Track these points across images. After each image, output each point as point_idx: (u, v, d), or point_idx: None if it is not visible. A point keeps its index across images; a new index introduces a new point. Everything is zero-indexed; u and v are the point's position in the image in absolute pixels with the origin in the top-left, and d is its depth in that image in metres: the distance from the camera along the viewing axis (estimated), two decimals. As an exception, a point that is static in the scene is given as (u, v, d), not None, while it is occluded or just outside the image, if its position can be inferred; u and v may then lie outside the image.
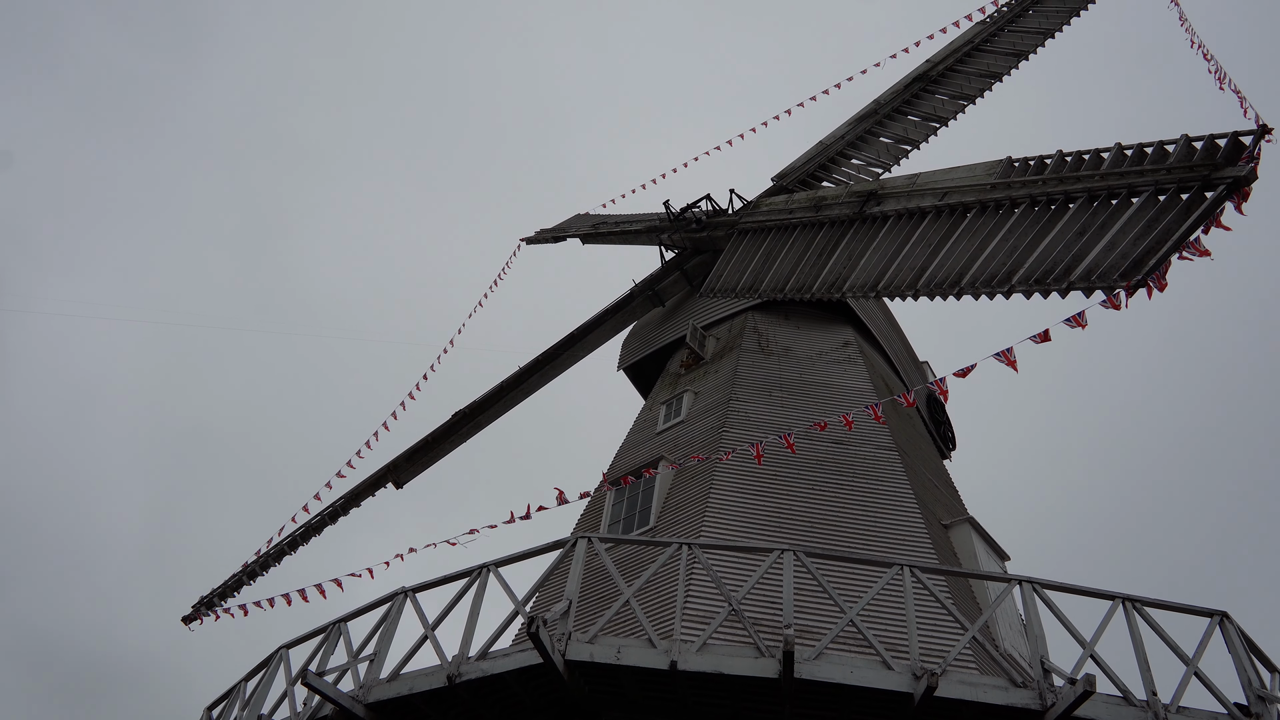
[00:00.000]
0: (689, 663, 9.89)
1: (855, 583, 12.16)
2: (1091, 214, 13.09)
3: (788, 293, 17.88)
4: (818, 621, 11.48)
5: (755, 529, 13.98)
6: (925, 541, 13.87)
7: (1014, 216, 14.19)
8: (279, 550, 22.28)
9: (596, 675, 10.22)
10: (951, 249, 14.82)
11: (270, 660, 12.46)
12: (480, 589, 11.15)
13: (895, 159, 22.66)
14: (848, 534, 13.98)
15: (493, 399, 23.56)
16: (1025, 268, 13.40)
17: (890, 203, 16.62)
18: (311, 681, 10.71)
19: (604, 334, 23.94)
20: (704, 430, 17.06)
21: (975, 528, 15.20)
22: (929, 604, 11.49)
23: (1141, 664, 10.26)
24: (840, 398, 17.34)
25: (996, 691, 9.78)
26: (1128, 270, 12.01)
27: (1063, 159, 14.10)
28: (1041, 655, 10.18)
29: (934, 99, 23.05)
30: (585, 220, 28.55)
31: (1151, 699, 9.91)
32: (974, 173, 15.57)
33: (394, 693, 10.59)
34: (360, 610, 12.35)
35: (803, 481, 15.02)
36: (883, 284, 15.71)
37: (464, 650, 10.49)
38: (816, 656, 9.93)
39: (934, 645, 11.29)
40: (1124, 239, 12.34)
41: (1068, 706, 9.42)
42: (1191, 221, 11.81)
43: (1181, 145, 12.47)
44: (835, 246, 17.25)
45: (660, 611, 11.97)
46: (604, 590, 12.88)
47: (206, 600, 21.80)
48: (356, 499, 23.01)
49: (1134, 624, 10.64)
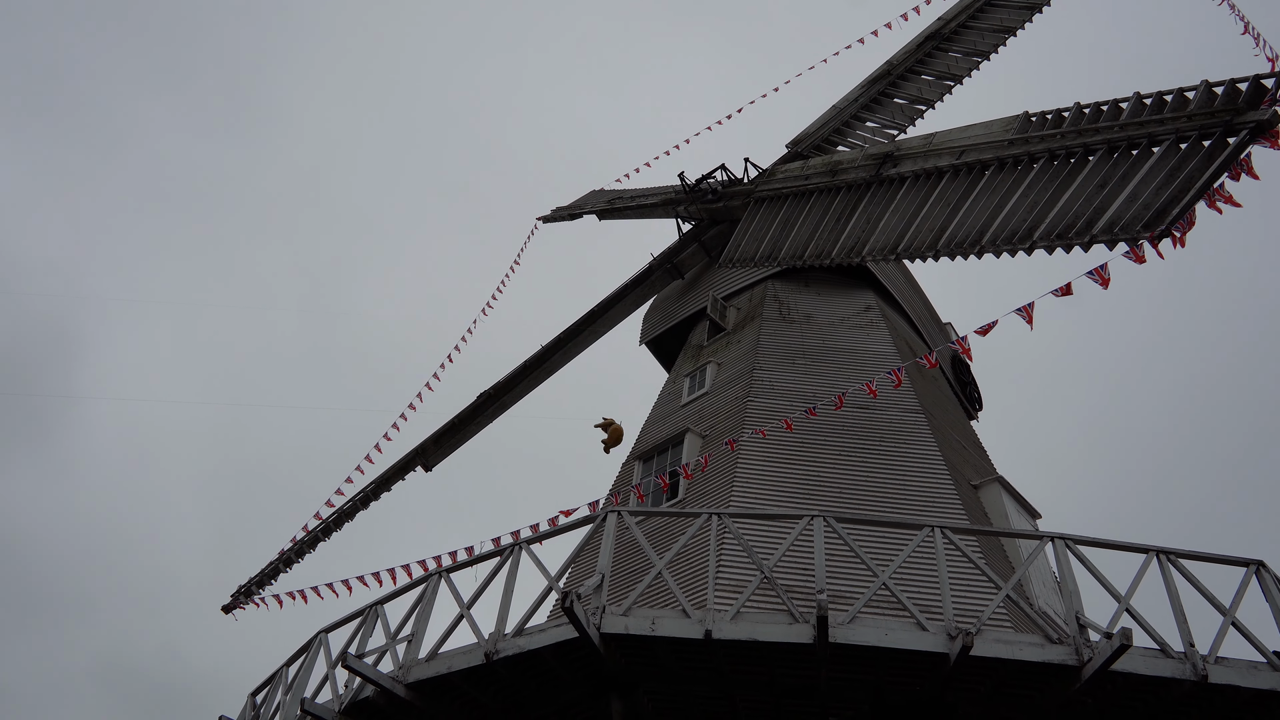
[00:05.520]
0: (723, 631, 9.94)
1: (886, 546, 12.15)
2: (1112, 166, 12.93)
3: (807, 259, 17.79)
4: (850, 586, 11.50)
5: (784, 497, 14.00)
6: (955, 502, 13.85)
7: (1033, 172, 14.04)
8: (313, 537, 22.55)
9: (632, 647, 10.29)
10: (971, 208, 14.69)
11: (310, 645, 12.63)
12: (513, 567, 11.24)
13: (910, 120, 22.40)
14: (877, 498, 13.98)
15: (516, 378, 23.65)
16: (1046, 223, 13.26)
17: (907, 164, 16.48)
18: (352, 664, 10.85)
19: (624, 309, 23.93)
20: (729, 401, 17.06)
21: (1005, 487, 15.16)
22: (961, 564, 11.49)
23: (1178, 616, 10.21)
24: (864, 362, 17.28)
25: (1033, 648, 9.79)
26: (1151, 221, 11.87)
27: (1080, 111, 13.92)
28: (1076, 611, 10.16)
29: (947, 57, 22.75)
30: (601, 196, 28.46)
31: (1189, 650, 9.88)
32: (991, 130, 15.40)
33: (433, 672, 10.71)
34: (396, 592, 12.51)
35: (830, 448, 15.01)
36: (902, 246, 15.61)
37: (500, 628, 10.58)
38: (851, 620, 9.95)
39: (968, 605, 11.28)
40: (1146, 190, 12.19)
41: (1105, 660, 9.40)
42: (1215, 169, 11.66)
43: (1202, 91, 12.28)
44: (853, 210, 17.14)
45: (693, 582, 12.03)
46: (636, 563, 12.96)
47: (245, 589, 22.12)
48: (387, 483, 23.23)
49: (1169, 576, 10.59)
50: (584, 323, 23.70)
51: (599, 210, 27.73)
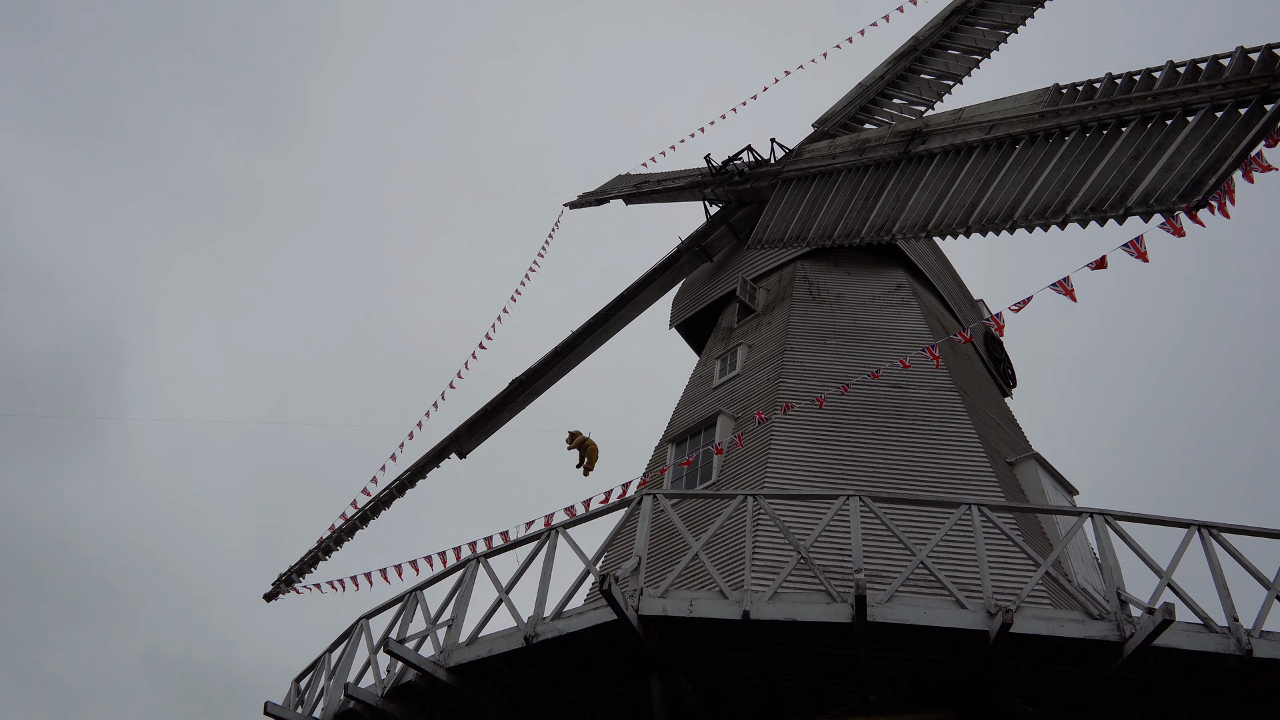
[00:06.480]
0: (761, 612, 9.97)
1: (922, 525, 12.12)
2: (1146, 136, 12.75)
3: (836, 239, 17.68)
4: (887, 565, 11.48)
5: (818, 477, 13.98)
6: (991, 479, 13.77)
7: (1064, 145, 13.87)
8: (351, 526, 22.82)
9: (670, 628, 10.34)
10: (1002, 182, 14.55)
11: (351, 631, 12.80)
12: (550, 551, 11.32)
13: (938, 95, 22.16)
14: (912, 477, 13.93)
15: (548, 364, 23.73)
16: (1079, 196, 13.10)
17: (936, 140, 16.33)
18: (394, 649, 10.99)
19: (653, 293, 23.90)
20: (760, 382, 17.04)
21: (1041, 463, 15.05)
22: (999, 542, 11.44)
23: (1221, 590, 10.14)
24: (896, 341, 17.18)
25: (1074, 625, 9.74)
26: (1187, 191, 11.70)
27: (1113, 82, 13.72)
28: (1118, 587, 10.09)
29: (974, 30, 22.46)
30: (627, 181, 28.39)
31: (1233, 624, 9.80)
32: (1021, 103, 15.22)
33: (474, 655, 10.83)
34: (435, 578, 12.65)
35: (863, 427, 14.96)
36: (933, 223, 15.48)
37: (539, 611, 10.67)
38: (888, 599, 9.95)
39: (1006, 582, 11.23)
40: (1181, 159, 12.02)
41: (1147, 636, 9.36)
42: (1252, 136, 11.49)
43: (1237, 58, 12.08)
44: (882, 188, 17.01)
45: (729, 563, 12.06)
46: (671, 546, 13.01)
47: (285, 577, 22.43)
48: (421, 471, 23.44)
49: (1211, 551, 10.50)
50: (614, 307, 23.71)
51: (625, 195, 27.67)
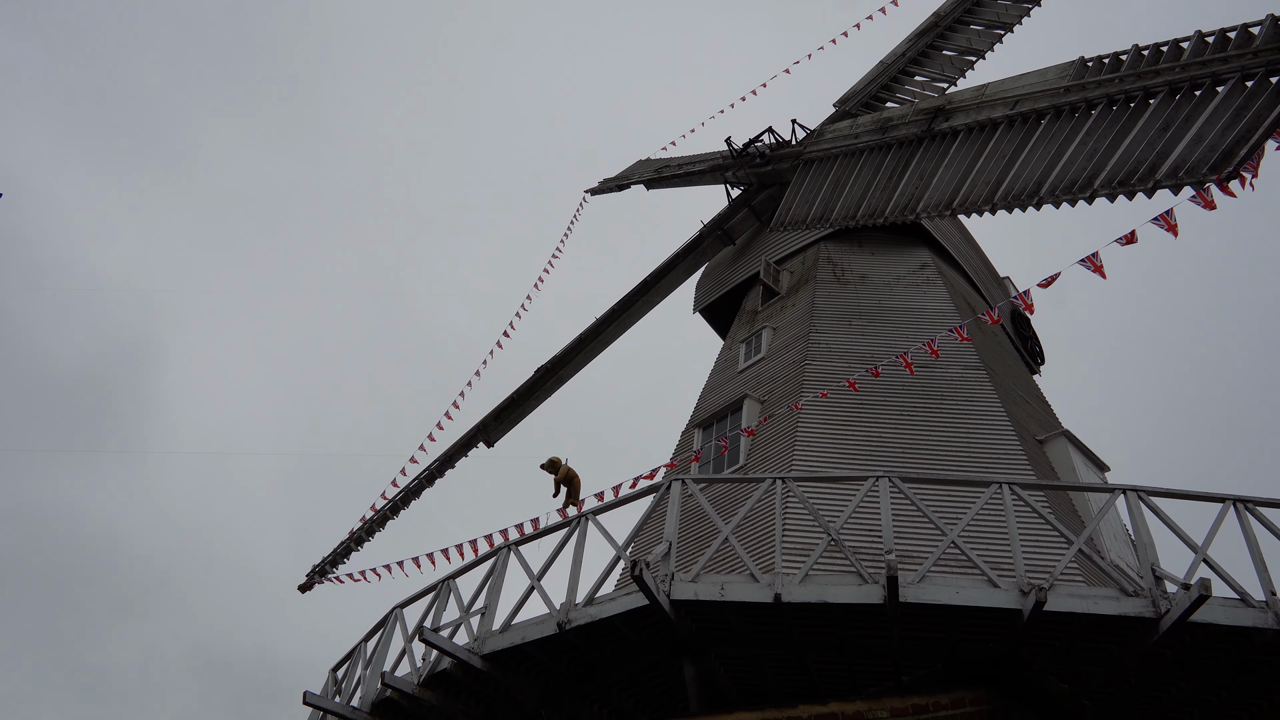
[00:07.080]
0: (793, 594, 9.97)
1: (953, 504, 12.08)
2: (1174, 108, 12.58)
3: (860, 219, 17.57)
4: (918, 546, 11.46)
5: (845, 459, 13.95)
6: (1021, 458, 13.69)
7: (1091, 118, 13.71)
8: (382, 516, 23.01)
9: (702, 613, 10.37)
10: (1027, 158, 14.40)
11: (386, 620, 12.92)
12: (580, 538, 11.37)
13: (960, 71, 21.92)
14: (941, 456, 13.87)
15: (573, 351, 23.79)
16: (1107, 170, 12.96)
17: (959, 117, 16.18)
18: (429, 637, 11.08)
19: (677, 278, 23.90)
20: (786, 365, 17.00)
21: (1072, 440, 14.94)
22: (1030, 520, 11.37)
23: (1258, 565, 10.04)
24: (922, 321, 17.09)
25: (1108, 602, 9.68)
26: (1217, 163, 11.54)
27: (1139, 53, 13.54)
28: (1152, 563, 10.02)
29: (997, 5, 22.18)
30: (648, 166, 28.33)
31: (1271, 599, 9.72)
32: (1045, 77, 15.05)
33: (508, 643, 10.90)
34: (466, 567, 12.73)
35: (890, 408, 14.90)
36: (958, 201, 15.36)
37: (571, 598, 10.72)
38: (920, 580, 9.93)
39: (1038, 561, 11.18)
40: (1211, 131, 11.86)
41: (1184, 611, 9.29)
42: (1284, 105, 11.30)
43: (1268, 26, 11.89)
44: (905, 167, 16.89)
45: (759, 547, 12.07)
46: (701, 530, 13.03)
47: (319, 568, 22.66)
48: (450, 460, 23.57)
49: (1247, 525, 10.40)
50: (637, 293, 23.72)
51: (646, 180, 27.62)
